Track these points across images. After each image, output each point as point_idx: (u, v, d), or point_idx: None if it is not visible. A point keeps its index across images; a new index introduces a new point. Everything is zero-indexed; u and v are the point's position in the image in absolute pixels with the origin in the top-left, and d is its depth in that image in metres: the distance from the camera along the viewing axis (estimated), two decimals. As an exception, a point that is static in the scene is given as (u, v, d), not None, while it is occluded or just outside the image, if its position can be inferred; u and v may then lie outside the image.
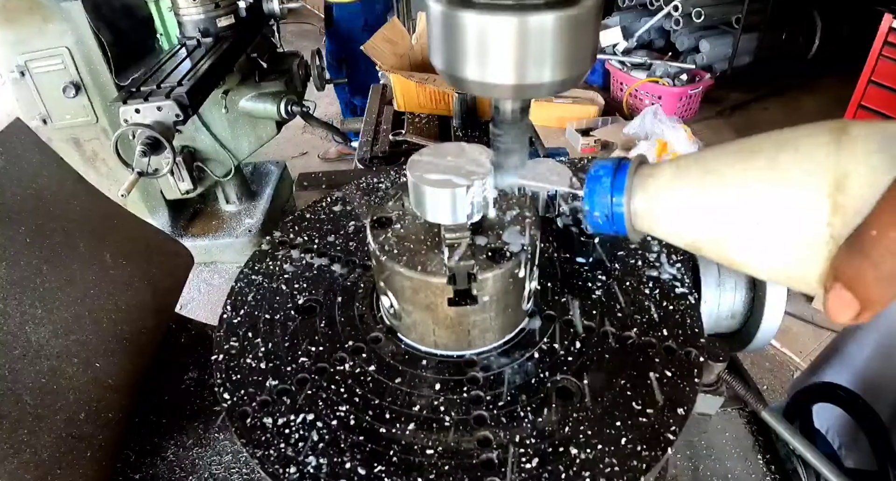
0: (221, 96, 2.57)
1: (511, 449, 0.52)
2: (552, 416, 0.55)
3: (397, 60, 1.87)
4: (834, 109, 3.90)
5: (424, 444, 0.53)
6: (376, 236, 0.60)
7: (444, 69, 0.47)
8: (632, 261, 0.72)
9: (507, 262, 0.56)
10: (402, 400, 0.58)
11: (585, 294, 0.68)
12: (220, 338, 0.66)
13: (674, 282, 0.68)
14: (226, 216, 3.18)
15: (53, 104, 2.56)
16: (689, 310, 0.65)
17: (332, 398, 0.58)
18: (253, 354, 0.64)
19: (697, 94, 4.56)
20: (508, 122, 0.51)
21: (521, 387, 0.58)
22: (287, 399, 0.58)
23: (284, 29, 5.85)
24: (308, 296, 0.71)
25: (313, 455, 0.53)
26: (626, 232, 0.48)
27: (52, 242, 0.75)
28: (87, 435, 0.69)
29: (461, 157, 0.56)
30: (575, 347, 0.62)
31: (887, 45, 3.06)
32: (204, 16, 2.34)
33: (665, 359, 0.60)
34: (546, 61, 0.43)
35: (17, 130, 0.77)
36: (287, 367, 0.62)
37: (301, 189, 0.96)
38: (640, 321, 0.64)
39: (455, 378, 0.60)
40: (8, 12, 2.33)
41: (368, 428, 0.55)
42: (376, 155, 1.59)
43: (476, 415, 0.56)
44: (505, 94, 0.47)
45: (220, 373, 0.62)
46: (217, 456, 0.80)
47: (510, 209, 0.62)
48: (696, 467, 0.84)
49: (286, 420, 0.56)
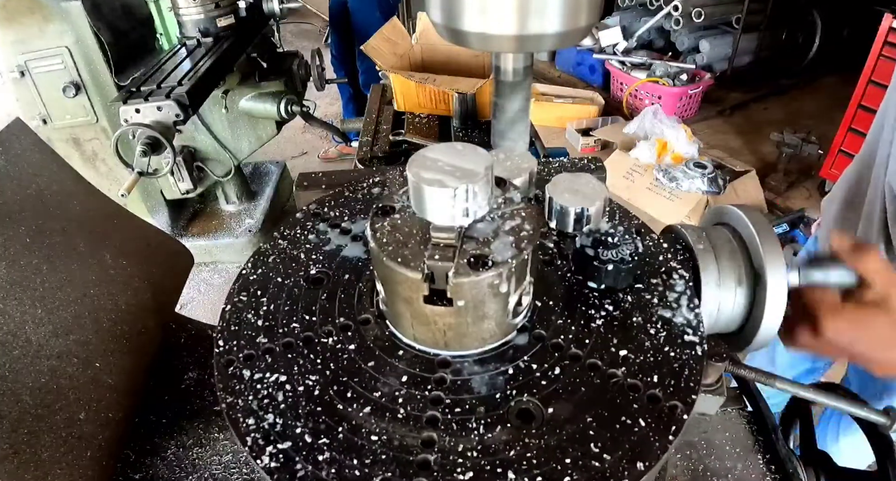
0: (221, 96, 2.57)
1: (450, 457, 0.52)
2: (503, 436, 0.54)
3: (397, 60, 1.87)
4: (834, 109, 3.90)
5: (372, 429, 0.55)
6: (374, 223, 0.60)
7: (443, 22, 0.45)
8: (647, 296, 0.67)
9: (484, 272, 0.54)
10: (367, 383, 0.60)
11: (586, 321, 0.65)
12: (233, 289, 0.71)
13: (686, 328, 0.62)
14: (226, 216, 3.18)
15: (53, 104, 2.56)
16: (691, 361, 0.59)
17: (307, 366, 0.62)
18: (255, 311, 0.68)
19: (697, 94, 4.56)
20: (510, 83, 0.50)
21: (483, 399, 0.57)
22: (269, 357, 0.62)
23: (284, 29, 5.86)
24: (320, 269, 0.73)
25: (272, 413, 0.56)
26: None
27: (51, 242, 0.75)
28: (87, 435, 0.69)
29: (461, 158, 0.56)
30: (553, 372, 0.59)
31: (887, 45, 3.06)
32: (204, 16, 2.34)
33: (645, 406, 0.55)
34: (549, 9, 0.42)
35: (17, 130, 0.77)
36: (279, 330, 0.66)
37: (301, 189, 0.96)
38: (633, 361, 0.59)
39: (423, 374, 0.60)
40: (8, 12, 2.33)
41: (328, 402, 0.58)
42: (376, 155, 1.59)
43: (430, 415, 0.56)
44: (506, 46, 0.46)
45: (223, 321, 0.67)
46: (217, 456, 0.80)
47: (511, 219, 0.59)
48: (696, 467, 0.84)
49: (261, 376, 0.60)
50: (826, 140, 3.58)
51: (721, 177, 3.45)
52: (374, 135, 1.72)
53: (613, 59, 4.85)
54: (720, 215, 0.79)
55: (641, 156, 3.67)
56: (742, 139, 4.44)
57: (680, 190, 3.44)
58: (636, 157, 3.68)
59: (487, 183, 0.54)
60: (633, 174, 3.64)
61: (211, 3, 2.33)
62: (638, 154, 3.69)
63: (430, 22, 0.48)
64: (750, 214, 0.72)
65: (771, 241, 0.68)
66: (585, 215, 0.63)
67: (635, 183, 3.61)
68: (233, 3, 2.43)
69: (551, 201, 0.63)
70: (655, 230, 0.76)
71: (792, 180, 3.78)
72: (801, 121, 4.35)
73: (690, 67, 4.61)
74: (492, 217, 0.59)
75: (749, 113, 4.80)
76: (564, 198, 0.63)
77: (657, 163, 3.63)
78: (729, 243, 0.73)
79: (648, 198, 3.51)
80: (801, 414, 0.90)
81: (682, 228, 0.76)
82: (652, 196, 3.50)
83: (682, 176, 3.44)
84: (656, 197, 3.49)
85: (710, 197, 3.40)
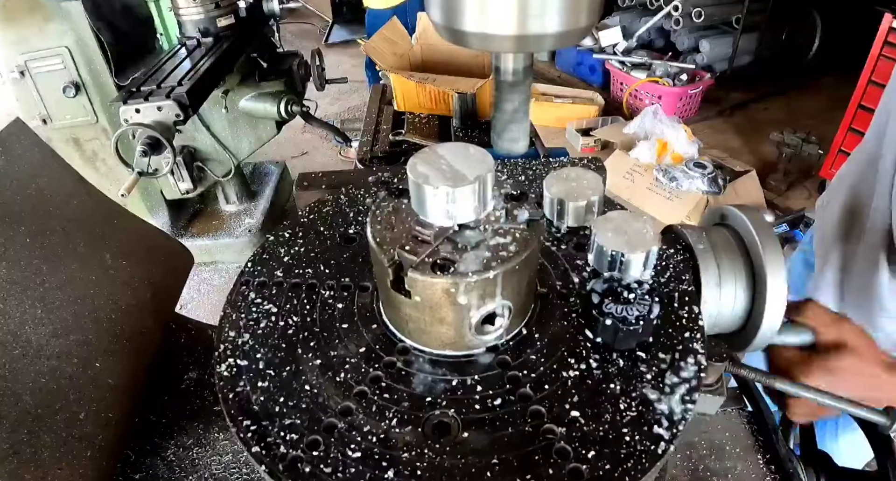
0: (221, 96, 2.57)
1: (353, 433, 0.55)
2: (407, 436, 0.54)
3: (397, 60, 1.87)
4: (834, 109, 3.90)
5: (309, 379, 0.60)
6: (380, 200, 0.62)
7: (442, 22, 0.45)
8: (643, 368, 0.58)
9: (440, 277, 0.54)
10: (330, 341, 0.64)
11: (560, 367, 0.59)
12: (283, 224, 0.79)
13: (663, 419, 0.54)
14: (226, 216, 3.18)
15: (53, 104, 2.56)
16: (644, 456, 0.51)
17: (296, 308, 0.68)
18: (288, 249, 0.76)
19: (697, 94, 4.56)
20: (510, 83, 0.50)
21: (414, 397, 0.57)
22: (274, 290, 0.70)
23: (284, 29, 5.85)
24: (358, 230, 0.77)
25: (249, 334, 0.65)
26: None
27: (51, 242, 0.75)
28: (87, 435, 0.69)
29: (463, 162, 0.56)
30: (494, 402, 0.56)
31: (887, 45, 3.06)
32: (204, 16, 2.34)
33: (560, 478, 0.50)
34: (548, 10, 0.42)
35: (17, 130, 0.77)
36: (296, 270, 0.73)
37: (301, 189, 0.96)
38: (580, 427, 0.54)
39: (379, 353, 0.62)
40: (8, 12, 2.33)
41: (292, 342, 0.64)
42: (376, 155, 1.58)
43: (360, 390, 0.58)
44: (506, 46, 0.45)
45: (261, 249, 0.76)
46: (217, 456, 0.80)
47: (502, 236, 0.57)
48: (696, 467, 0.84)
49: (260, 302, 0.69)
50: (826, 140, 3.58)
51: (721, 177, 3.45)
52: (374, 135, 1.72)
53: (613, 59, 4.85)
54: (720, 215, 0.79)
55: (641, 156, 3.67)
56: (742, 139, 4.44)
57: (680, 190, 3.44)
58: (636, 157, 3.68)
59: (474, 191, 0.54)
60: (633, 174, 3.64)
61: (211, 3, 2.32)
62: (638, 154, 3.69)
63: (430, 22, 0.48)
64: (750, 214, 0.72)
65: (771, 241, 0.68)
66: (619, 260, 0.58)
67: (635, 183, 3.61)
68: (233, 3, 2.43)
69: (593, 236, 0.60)
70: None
71: (792, 180, 3.78)
72: (801, 121, 4.35)
73: (690, 67, 4.61)
74: (484, 228, 0.58)
75: (749, 113, 4.80)
76: (606, 237, 0.59)
77: (657, 163, 3.64)
78: (729, 243, 0.73)
79: (648, 198, 3.51)
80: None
81: (682, 228, 0.76)
82: (652, 196, 3.50)
83: (682, 176, 3.44)
84: (656, 197, 3.49)
85: (710, 197, 3.40)
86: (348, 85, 4.20)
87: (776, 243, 0.68)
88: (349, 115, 5.05)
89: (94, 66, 2.48)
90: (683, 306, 0.64)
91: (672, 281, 0.67)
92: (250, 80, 2.63)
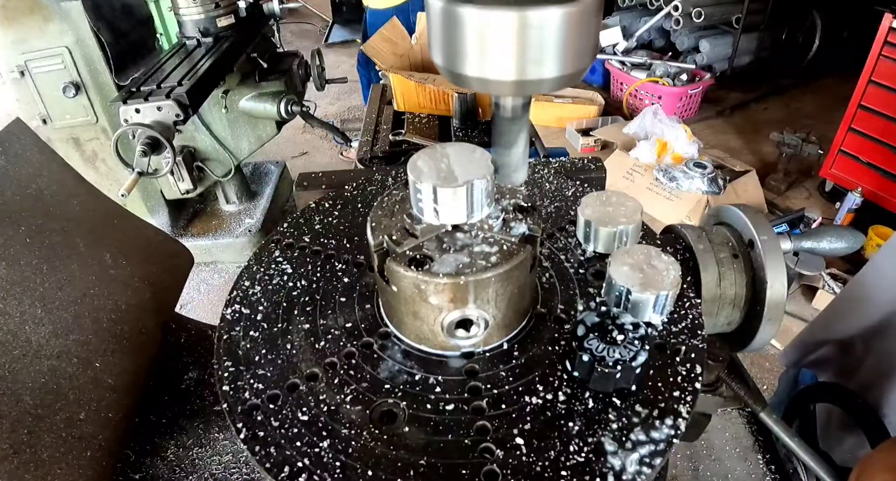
0: (221, 96, 2.57)
1: (308, 398, 0.58)
2: (353, 415, 0.56)
3: (397, 60, 1.87)
4: (834, 109, 3.90)
5: (293, 340, 0.64)
6: (395, 187, 0.65)
7: (444, 65, 0.47)
8: (611, 416, 0.54)
9: (411, 271, 0.55)
10: (324, 310, 0.68)
11: (524, 391, 0.57)
12: (327, 194, 0.84)
13: (609, 474, 0.50)
14: (226, 216, 3.18)
15: (53, 104, 2.56)
16: None
17: (307, 273, 0.73)
18: (322, 218, 0.82)
19: (697, 94, 4.56)
20: (509, 118, 0.51)
21: (375, 380, 0.60)
22: (297, 253, 0.76)
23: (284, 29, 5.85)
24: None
25: (260, 286, 0.71)
26: None
27: (51, 242, 0.75)
28: (87, 435, 0.69)
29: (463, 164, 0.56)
30: (445, 407, 0.55)
31: (887, 45, 3.05)
32: (204, 15, 2.34)
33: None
34: (546, 57, 0.43)
35: (17, 130, 0.77)
36: (322, 240, 0.78)
37: (301, 189, 0.96)
38: (520, 455, 0.51)
39: (361, 331, 0.64)
40: (8, 12, 2.33)
41: (292, 303, 0.69)
42: (376, 155, 1.58)
43: (330, 361, 0.61)
44: (505, 90, 0.47)
45: (300, 211, 0.83)
46: (217, 456, 0.80)
47: (489, 245, 0.57)
48: (696, 467, 0.84)
49: (281, 260, 0.75)
50: (826, 140, 3.57)
51: (721, 177, 3.45)
52: (374, 135, 1.72)
53: (613, 59, 4.85)
54: (720, 215, 0.79)
55: (641, 157, 3.67)
56: (742, 139, 4.43)
57: (680, 190, 3.43)
58: (636, 157, 3.68)
59: (461, 194, 0.54)
60: (633, 174, 3.64)
61: (211, 3, 2.32)
62: (638, 154, 3.68)
63: (434, 63, 0.49)
64: (750, 214, 0.72)
65: (771, 242, 0.68)
66: (626, 297, 0.56)
67: (635, 183, 3.60)
68: (233, 3, 2.43)
69: (608, 266, 0.59)
70: (656, 230, 0.76)
71: (792, 180, 3.77)
72: (801, 121, 4.35)
73: (690, 67, 4.61)
74: (475, 234, 0.58)
75: (749, 113, 4.79)
76: (621, 271, 0.57)
77: (657, 163, 3.63)
78: (729, 243, 0.73)
79: (648, 199, 3.50)
80: (801, 414, 0.90)
81: (682, 228, 0.76)
82: (652, 196, 3.50)
83: (682, 176, 3.43)
84: (656, 197, 3.48)
85: (710, 197, 3.40)
86: (348, 85, 4.20)
87: (776, 243, 0.68)
88: (349, 114, 5.04)
89: (93, 66, 2.47)
90: (686, 363, 0.58)
91: (684, 333, 0.61)
92: (250, 80, 2.63)
